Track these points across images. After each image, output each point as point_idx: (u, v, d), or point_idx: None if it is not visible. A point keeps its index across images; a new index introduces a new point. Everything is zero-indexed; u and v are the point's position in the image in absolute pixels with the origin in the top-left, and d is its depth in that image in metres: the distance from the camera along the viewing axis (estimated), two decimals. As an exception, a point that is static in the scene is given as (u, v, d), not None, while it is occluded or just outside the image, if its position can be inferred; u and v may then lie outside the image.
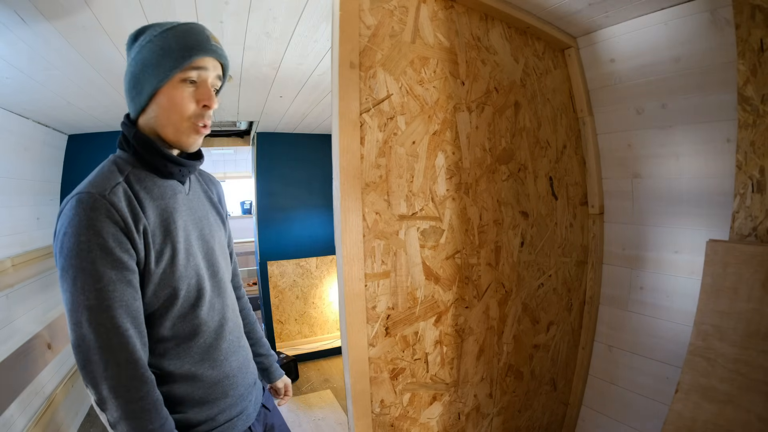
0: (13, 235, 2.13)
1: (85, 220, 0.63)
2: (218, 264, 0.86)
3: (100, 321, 0.63)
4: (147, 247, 0.70)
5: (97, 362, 0.62)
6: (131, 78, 0.74)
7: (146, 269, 0.70)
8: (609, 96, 1.43)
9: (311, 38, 1.44)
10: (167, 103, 0.73)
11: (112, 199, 0.66)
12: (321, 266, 3.56)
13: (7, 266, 1.94)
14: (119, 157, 0.76)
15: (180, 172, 0.80)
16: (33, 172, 2.36)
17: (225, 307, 0.85)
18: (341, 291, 0.92)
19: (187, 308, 0.76)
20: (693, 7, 1.14)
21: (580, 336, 1.56)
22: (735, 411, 0.87)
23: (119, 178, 0.70)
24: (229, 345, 0.83)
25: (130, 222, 0.67)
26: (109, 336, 0.63)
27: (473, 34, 1.16)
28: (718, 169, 1.17)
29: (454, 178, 1.11)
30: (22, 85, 1.68)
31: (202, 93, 0.75)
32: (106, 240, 0.64)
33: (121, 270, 0.65)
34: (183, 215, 0.78)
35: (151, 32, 0.73)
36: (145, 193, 0.73)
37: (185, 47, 0.72)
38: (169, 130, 0.74)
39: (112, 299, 0.64)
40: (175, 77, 0.72)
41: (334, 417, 2.58)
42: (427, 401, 1.09)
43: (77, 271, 0.63)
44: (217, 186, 0.99)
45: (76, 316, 0.63)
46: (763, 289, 0.87)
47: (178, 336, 0.75)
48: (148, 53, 0.72)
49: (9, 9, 1.08)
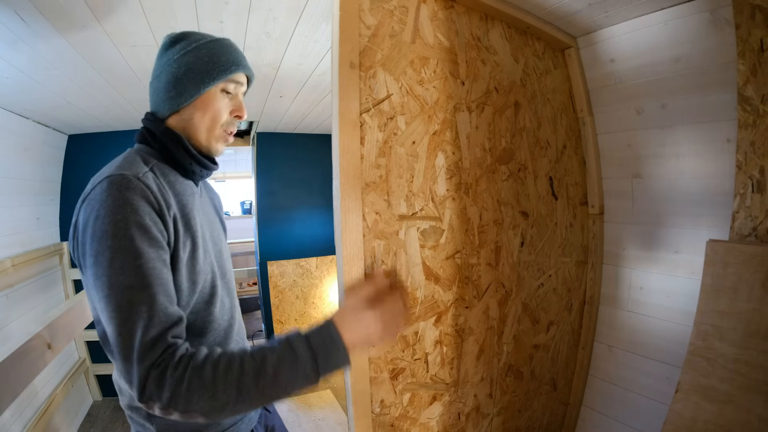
0: (13, 235, 2.14)
1: (120, 198, 0.61)
2: (226, 266, 0.89)
3: (142, 300, 0.58)
4: (176, 233, 0.70)
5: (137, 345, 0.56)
6: (172, 78, 0.75)
7: (175, 252, 0.69)
8: (609, 96, 1.43)
9: (311, 38, 1.45)
10: (206, 109, 0.77)
11: (146, 181, 0.66)
12: (321, 266, 3.56)
13: (7, 266, 1.94)
14: (141, 150, 0.77)
15: (200, 173, 0.83)
16: (33, 172, 2.36)
17: (233, 308, 0.87)
18: (341, 291, 0.92)
19: (201, 303, 0.76)
20: (693, 7, 1.14)
21: (580, 336, 1.56)
22: (735, 411, 0.87)
23: (146, 167, 0.70)
24: (235, 346, 0.83)
25: (163, 205, 0.67)
26: (150, 313, 0.58)
27: (473, 34, 1.16)
28: (718, 169, 1.17)
29: (454, 178, 1.11)
30: (22, 85, 1.68)
31: (236, 104, 0.81)
32: (143, 218, 0.62)
33: (158, 249, 0.63)
34: (199, 214, 0.80)
35: (195, 40, 0.77)
36: (169, 186, 0.73)
37: (230, 61, 0.78)
38: (203, 134, 0.79)
39: (152, 277, 0.60)
40: (217, 86, 0.77)
41: (334, 417, 2.58)
42: (427, 401, 1.09)
43: (114, 252, 0.58)
44: (218, 197, 1.04)
45: (116, 299, 0.57)
46: (763, 289, 0.87)
47: (191, 329, 0.74)
48: (194, 59, 0.75)
49: (9, 9, 1.08)
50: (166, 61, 0.77)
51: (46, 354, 1.12)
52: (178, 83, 0.75)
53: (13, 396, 0.95)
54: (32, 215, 2.36)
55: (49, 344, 1.14)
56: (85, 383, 2.77)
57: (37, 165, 2.40)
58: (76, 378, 2.58)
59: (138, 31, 1.28)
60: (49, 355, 1.12)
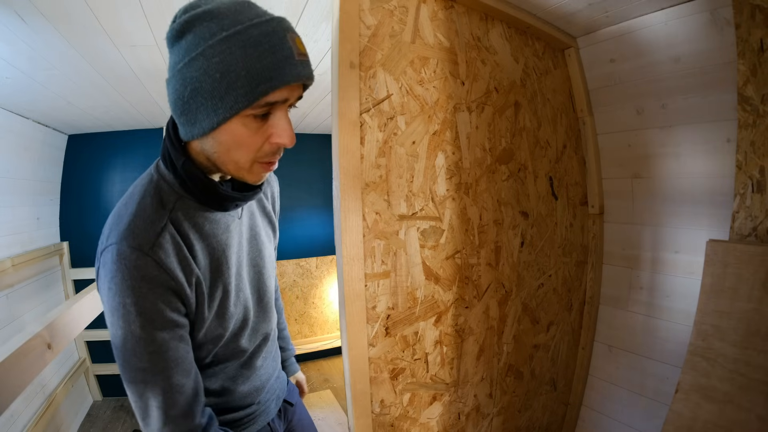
0: (14, 235, 2.13)
1: (129, 280, 0.54)
2: (266, 287, 0.80)
3: (156, 382, 0.57)
4: (200, 295, 0.63)
5: (155, 418, 0.58)
6: (178, 99, 0.54)
7: (200, 316, 0.64)
8: (609, 96, 1.43)
9: (311, 38, 1.44)
10: (228, 142, 0.56)
11: (158, 255, 0.55)
12: (321, 266, 3.56)
13: (7, 266, 1.94)
14: (163, 180, 0.62)
15: (236, 206, 0.67)
16: (33, 171, 2.36)
17: (267, 327, 0.82)
18: (341, 291, 0.92)
19: (230, 338, 0.72)
20: (693, 7, 1.14)
21: (580, 336, 1.56)
22: (735, 411, 0.87)
23: (164, 217, 0.59)
24: (263, 361, 0.82)
25: (180, 279, 0.58)
26: (165, 395, 0.58)
27: (473, 34, 1.16)
28: (718, 169, 1.17)
29: (454, 178, 1.11)
30: (23, 85, 1.68)
31: (276, 126, 0.57)
32: (154, 304, 0.56)
33: (172, 329, 0.58)
34: (234, 247, 0.70)
35: (205, 33, 0.51)
36: (195, 232, 0.63)
37: (258, 76, 0.51)
38: (231, 167, 0.59)
39: (166, 360, 0.58)
40: (241, 113, 0.53)
41: (334, 417, 2.58)
42: (427, 401, 1.09)
43: (126, 333, 0.56)
44: (272, 185, 0.88)
45: (132, 375, 0.57)
46: (763, 289, 0.87)
47: (217, 361, 0.73)
48: (201, 74, 0.51)
49: (9, 9, 1.08)
50: (173, 63, 0.55)
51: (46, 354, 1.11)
52: (185, 109, 0.54)
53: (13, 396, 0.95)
54: (32, 215, 2.36)
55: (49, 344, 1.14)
56: (85, 383, 2.76)
57: (37, 165, 2.40)
58: (77, 378, 2.58)
59: (138, 31, 1.28)
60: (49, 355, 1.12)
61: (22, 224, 2.24)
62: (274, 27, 0.52)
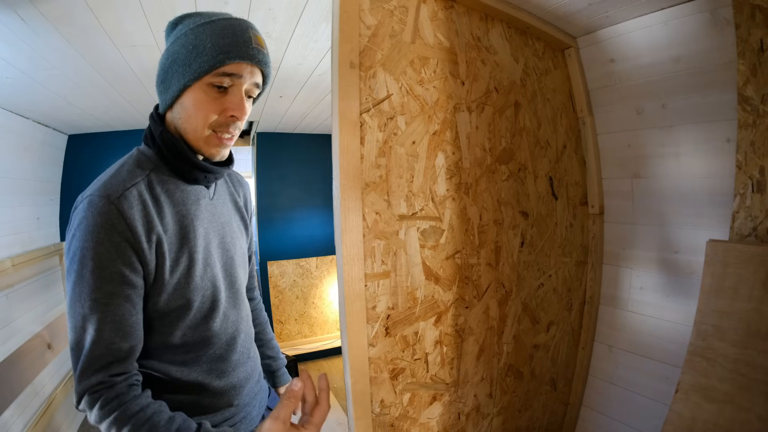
0: (13, 235, 2.13)
1: (91, 226, 0.60)
2: (236, 274, 0.83)
3: (89, 330, 0.61)
4: (160, 257, 0.66)
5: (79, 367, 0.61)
6: (161, 70, 0.69)
7: (159, 279, 0.67)
8: (609, 96, 1.43)
9: (311, 38, 1.45)
10: (191, 106, 0.67)
11: (122, 205, 0.62)
12: (321, 266, 3.56)
13: (7, 266, 1.94)
14: (143, 153, 0.71)
15: (206, 178, 0.75)
16: (33, 171, 2.36)
17: (239, 319, 0.83)
18: (341, 291, 0.92)
19: (199, 319, 0.73)
20: (693, 7, 1.14)
21: (580, 336, 1.55)
22: (735, 411, 0.87)
23: (138, 177, 0.66)
24: (239, 356, 0.82)
25: (139, 232, 0.63)
26: (92, 347, 0.61)
27: (473, 34, 1.16)
28: (718, 169, 1.17)
29: (454, 178, 1.11)
30: (23, 85, 1.68)
31: (230, 101, 0.67)
32: (108, 251, 0.60)
33: (119, 284, 0.62)
34: (204, 222, 0.75)
35: (189, 23, 0.68)
36: (166, 197, 0.69)
37: (219, 48, 0.64)
38: (190, 136, 0.69)
39: (104, 312, 0.61)
40: (203, 79, 0.65)
41: (334, 417, 2.58)
42: (427, 401, 1.09)
43: (77, 277, 0.61)
44: (244, 188, 0.95)
45: (73, 321, 0.62)
46: (763, 289, 0.87)
47: (188, 345, 0.73)
48: (179, 47, 0.66)
49: (9, 9, 1.08)
50: (166, 46, 0.70)
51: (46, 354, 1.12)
52: (165, 77, 0.68)
53: (14, 396, 0.95)
54: (32, 215, 2.36)
55: (49, 344, 1.14)
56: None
57: (37, 165, 2.40)
58: (76, 378, 2.58)
59: (138, 31, 1.28)
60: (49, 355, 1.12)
61: (22, 224, 2.24)
62: (240, 23, 0.68)
